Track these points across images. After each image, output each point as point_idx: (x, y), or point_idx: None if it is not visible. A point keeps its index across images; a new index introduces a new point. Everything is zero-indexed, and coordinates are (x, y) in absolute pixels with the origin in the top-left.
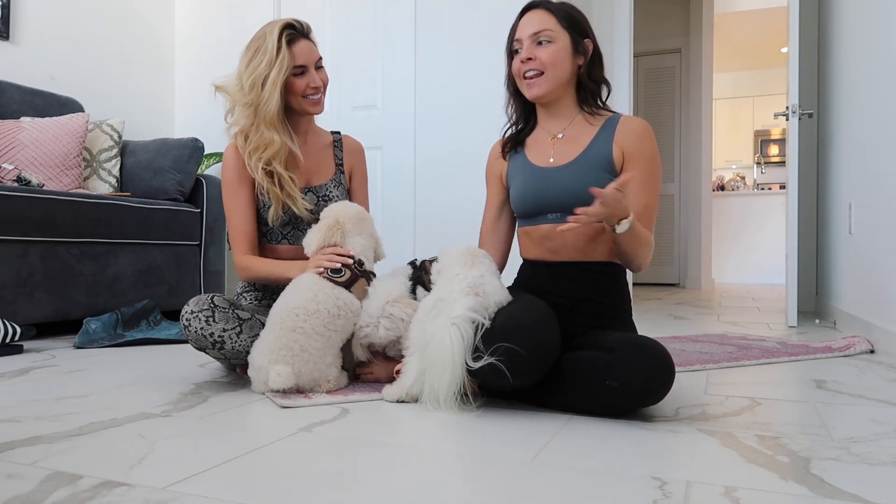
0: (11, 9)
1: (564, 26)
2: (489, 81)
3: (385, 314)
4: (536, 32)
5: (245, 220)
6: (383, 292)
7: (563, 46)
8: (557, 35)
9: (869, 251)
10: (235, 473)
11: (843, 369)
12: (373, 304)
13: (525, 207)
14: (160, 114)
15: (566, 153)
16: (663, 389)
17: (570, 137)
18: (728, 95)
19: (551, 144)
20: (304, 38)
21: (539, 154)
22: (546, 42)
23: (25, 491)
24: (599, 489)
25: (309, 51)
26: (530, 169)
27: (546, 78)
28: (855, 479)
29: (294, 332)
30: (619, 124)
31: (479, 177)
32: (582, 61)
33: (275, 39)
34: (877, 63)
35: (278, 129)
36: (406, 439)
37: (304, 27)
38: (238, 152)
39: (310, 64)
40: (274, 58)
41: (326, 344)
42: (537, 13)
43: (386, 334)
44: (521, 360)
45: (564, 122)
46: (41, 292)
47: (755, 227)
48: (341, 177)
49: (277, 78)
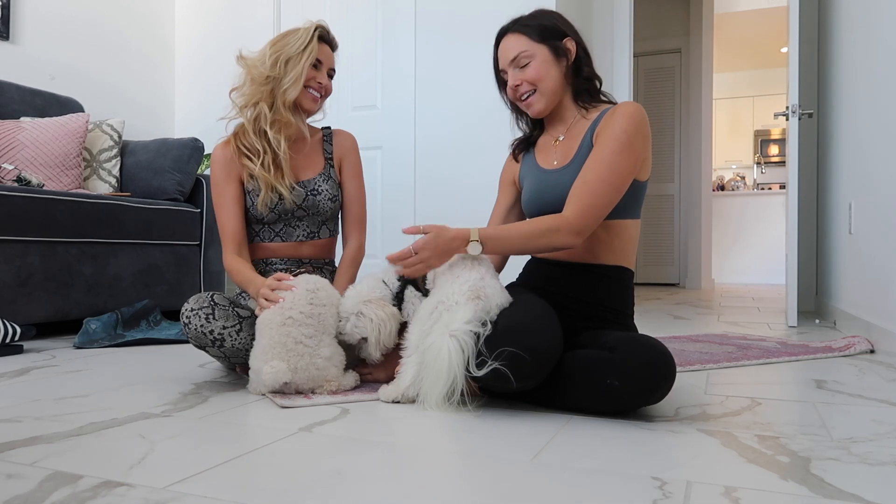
0: (11, 9)
1: (538, 40)
2: (489, 82)
3: (356, 312)
4: (514, 59)
5: (232, 216)
6: (364, 290)
7: (542, 59)
8: (534, 51)
9: (869, 251)
10: (235, 473)
11: (843, 369)
12: (350, 300)
13: (532, 209)
14: (160, 114)
15: (566, 154)
16: (664, 388)
17: (569, 138)
18: (728, 95)
19: (555, 148)
20: (330, 45)
21: (545, 157)
22: (526, 63)
23: (25, 491)
24: (599, 489)
25: (329, 55)
26: (537, 171)
27: (540, 91)
28: (855, 479)
29: (284, 326)
30: (608, 112)
31: (479, 176)
32: (567, 62)
33: (309, 33)
34: (877, 62)
35: (292, 112)
36: (406, 439)
37: (333, 38)
38: (226, 150)
39: (325, 64)
40: (305, 44)
41: (319, 328)
42: (509, 39)
43: (353, 331)
44: (525, 363)
45: (566, 124)
46: (41, 292)
47: (755, 227)
48: (331, 171)
49: (306, 63)
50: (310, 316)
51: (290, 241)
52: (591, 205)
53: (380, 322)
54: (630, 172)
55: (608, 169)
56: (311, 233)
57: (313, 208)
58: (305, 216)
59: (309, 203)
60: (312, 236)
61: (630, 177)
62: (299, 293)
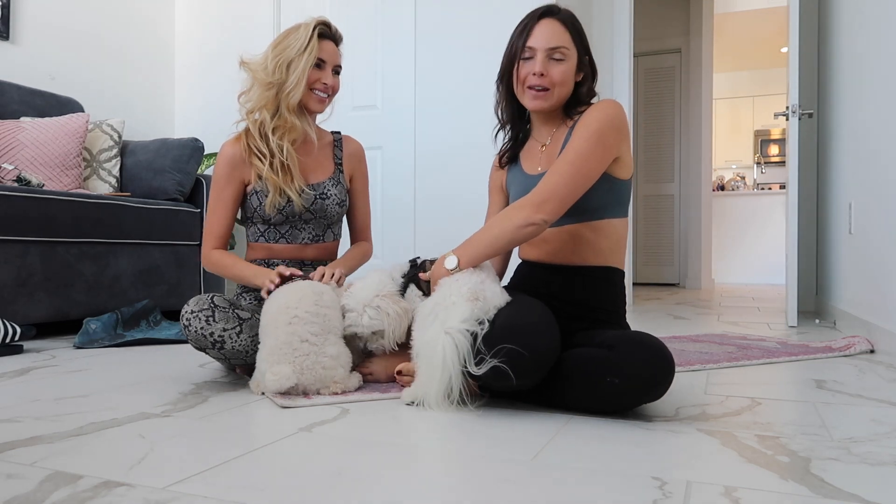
0: (11, 9)
1: (576, 43)
2: (489, 81)
3: (372, 304)
4: (554, 48)
5: (224, 217)
6: (376, 283)
7: (572, 66)
8: (570, 53)
9: (869, 251)
10: (235, 473)
11: (843, 369)
12: (363, 291)
13: None
14: (160, 114)
15: (549, 159)
16: (664, 384)
17: (554, 142)
18: (728, 95)
19: (540, 153)
20: (332, 40)
21: (531, 163)
22: (560, 59)
23: (25, 491)
24: (599, 489)
25: (333, 51)
26: (523, 177)
27: (552, 94)
28: (855, 479)
29: (290, 325)
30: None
31: (479, 176)
32: (580, 77)
33: (309, 30)
34: (877, 62)
35: (297, 115)
36: (406, 439)
37: (336, 32)
38: (236, 148)
39: (329, 62)
40: (305, 45)
41: (325, 326)
42: (555, 25)
43: (370, 323)
44: (524, 360)
45: (552, 129)
46: (41, 292)
47: (755, 227)
48: (340, 176)
49: (306, 65)
50: (315, 315)
51: (294, 243)
52: (555, 183)
53: (396, 316)
54: (600, 161)
55: (575, 153)
56: (317, 236)
57: (321, 212)
58: (312, 219)
59: (317, 206)
60: (317, 239)
61: (600, 166)
62: (306, 294)
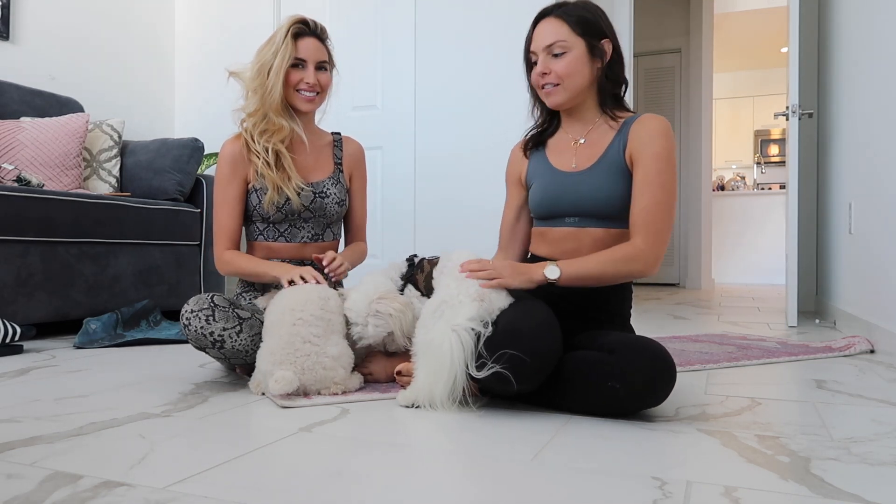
0: (11, 9)
1: (578, 33)
2: (489, 81)
3: (372, 312)
4: (550, 45)
5: (231, 216)
6: (370, 290)
7: (578, 55)
8: (571, 44)
9: (869, 251)
10: (235, 473)
11: (843, 369)
12: (360, 303)
13: (543, 210)
14: (160, 114)
15: (587, 158)
16: (665, 390)
17: (591, 142)
18: (728, 95)
19: (574, 150)
20: (313, 36)
21: (561, 158)
22: (560, 53)
23: (25, 491)
24: (599, 489)
25: (314, 48)
26: (551, 172)
27: (563, 88)
28: (855, 479)
29: (294, 327)
30: (633, 125)
31: (479, 176)
32: (601, 64)
33: (283, 31)
34: (877, 62)
35: (284, 116)
36: (406, 439)
37: (316, 27)
38: (235, 146)
39: (310, 60)
40: (279, 47)
41: (328, 328)
42: (549, 23)
43: (375, 331)
44: (525, 365)
45: (587, 127)
46: (41, 292)
47: (755, 227)
48: (340, 175)
49: (280, 67)
50: (320, 318)
51: (294, 241)
52: (659, 230)
53: (398, 313)
54: (675, 187)
55: (661, 190)
56: (316, 235)
57: (320, 210)
58: (311, 218)
59: (316, 205)
60: (317, 238)
61: (676, 191)
62: (312, 299)
